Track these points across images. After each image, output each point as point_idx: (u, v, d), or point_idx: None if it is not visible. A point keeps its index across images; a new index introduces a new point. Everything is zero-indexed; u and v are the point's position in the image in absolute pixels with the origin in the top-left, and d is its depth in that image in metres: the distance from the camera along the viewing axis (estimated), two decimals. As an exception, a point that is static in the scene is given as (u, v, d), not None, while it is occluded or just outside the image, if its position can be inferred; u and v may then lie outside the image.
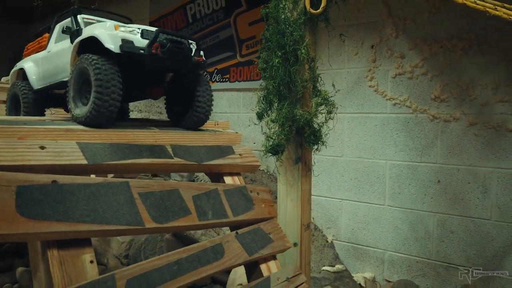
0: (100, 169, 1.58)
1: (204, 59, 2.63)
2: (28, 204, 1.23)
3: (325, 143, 2.73)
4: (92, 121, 2.06)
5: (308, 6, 2.55)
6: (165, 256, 1.36)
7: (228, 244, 1.60)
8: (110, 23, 2.31)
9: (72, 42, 2.43)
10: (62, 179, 1.29)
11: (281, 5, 2.64)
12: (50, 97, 2.93)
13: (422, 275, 3.72)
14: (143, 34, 2.28)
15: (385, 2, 3.81)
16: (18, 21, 7.61)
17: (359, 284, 3.82)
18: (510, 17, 1.88)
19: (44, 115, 2.96)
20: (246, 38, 4.67)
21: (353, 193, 4.10)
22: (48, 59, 2.74)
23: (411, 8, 3.67)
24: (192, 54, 2.49)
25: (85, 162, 1.46)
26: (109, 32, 2.19)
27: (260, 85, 2.77)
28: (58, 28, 2.79)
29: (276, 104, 2.73)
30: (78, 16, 2.58)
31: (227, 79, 4.88)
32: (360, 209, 4.06)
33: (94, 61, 2.09)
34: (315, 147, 2.74)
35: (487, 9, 1.94)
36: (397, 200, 3.84)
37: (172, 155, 1.92)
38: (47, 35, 2.97)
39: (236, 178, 2.15)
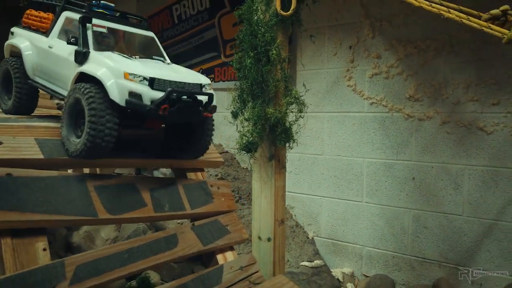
0: (57, 163, 1.65)
1: (215, 106, 2.47)
2: None
3: (296, 141, 2.82)
4: (87, 155, 1.83)
5: (278, 8, 2.63)
6: (116, 245, 1.44)
7: (183, 235, 1.68)
8: (120, 68, 2.01)
9: (76, 60, 2.20)
10: (17, 172, 1.37)
11: (254, 7, 2.73)
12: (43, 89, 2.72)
13: (398, 269, 3.81)
14: (154, 84, 2.03)
15: (363, 4, 3.90)
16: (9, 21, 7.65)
17: (337, 279, 3.91)
18: (462, 19, 1.97)
19: (37, 99, 2.80)
20: (230, 38, 4.75)
21: (332, 191, 4.19)
22: (48, 57, 2.53)
23: (387, 9, 3.76)
24: (202, 107, 2.32)
25: (41, 156, 1.54)
26: (117, 81, 1.94)
27: (235, 84, 2.85)
28: (63, 19, 2.55)
29: (250, 103, 2.81)
30: (88, 25, 2.31)
31: (211, 79, 4.95)
32: (339, 206, 4.15)
33: (84, 91, 1.91)
34: (287, 144, 2.82)
35: (441, 11, 2.03)
36: (374, 197, 3.93)
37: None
38: (51, 16, 2.73)
39: (199, 173, 2.24)
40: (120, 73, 1.99)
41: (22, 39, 2.73)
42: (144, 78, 2.03)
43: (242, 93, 2.83)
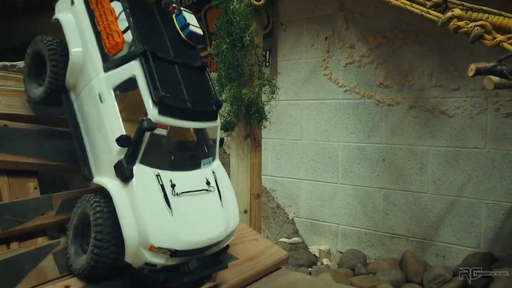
0: (46, 121, 1.87)
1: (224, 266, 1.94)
2: None
3: (269, 120, 3.08)
4: (88, 274, 1.63)
5: (251, -2, 2.90)
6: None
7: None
8: (147, 241, 1.56)
9: (116, 167, 1.67)
10: (13, 124, 1.63)
11: (230, -3, 2.99)
12: None
13: (370, 245, 4.08)
14: (175, 254, 1.63)
15: (338, -3, 4.17)
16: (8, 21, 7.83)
17: (314, 255, 4.18)
18: (406, 6, 2.25)
19: None
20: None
21: (310, 173, 4.45)
22: (93, 106, 1.87)
23: (359, 2, 4.02)
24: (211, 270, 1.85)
25: (32, 113, 1.77)
26: (139, 249, 1.57)
27: (213, 71, 3.12)
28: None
29: (228, 86, 3.08)
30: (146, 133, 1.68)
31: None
32: (317, 188, 4.42)
33: (92, 203, 1.65)
34: (261, 123, 3.08)
35: (406, 6, 2.29)
36: (348, 178, 4.20)
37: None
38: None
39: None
40: (147, 245, 1.63)
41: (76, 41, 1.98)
42: (169, 250, 1.67)
43: (220, 77, 3.09)
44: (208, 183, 1.81)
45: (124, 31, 1.76)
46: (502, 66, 1.53)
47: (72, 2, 1.93)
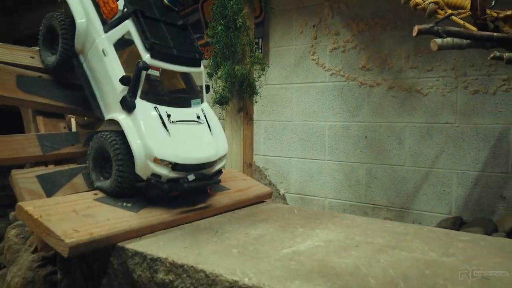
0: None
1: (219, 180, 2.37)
2: (24, 85, 2.01)
3: (259, 94, 3.44)
4: (117, 194, 2.03)
5: (243, -15, 3.26)
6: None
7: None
8: (151, 152, 1.95)
9: (122, 101, 2.03)
10: (45, 76, 2.01)
11: (225, -16, 3.35)
12: None
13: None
14: (176, 167, 2.03)
15: (324, -12, 4.55)
16: (3, 12, 8.15)
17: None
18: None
19: None
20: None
21: (300, 152, 4.82)
22: (98, 60, 2.23)
23: (344, -7, 4.40)
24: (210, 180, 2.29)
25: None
26: (146, 161, 1.96)
27: (209, 58, 3.47)
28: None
29: (222, 64, 3.44)
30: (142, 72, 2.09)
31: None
32: (306, 165, 4.79)
33: (112, 139, 2.02)
34: (252, 97, 3.45)
35: None
36: (334, 155, 4.57)
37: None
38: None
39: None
40: (151, 156, 2.02)
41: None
42: (170, 163, 2.06)
43: (216, 56, 3.45)
44: (198, 117, 2.25)
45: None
46: (438, 27, 1.90)
47: None
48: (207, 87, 2.43)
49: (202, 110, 2.33)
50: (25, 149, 1.93)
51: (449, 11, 2.27)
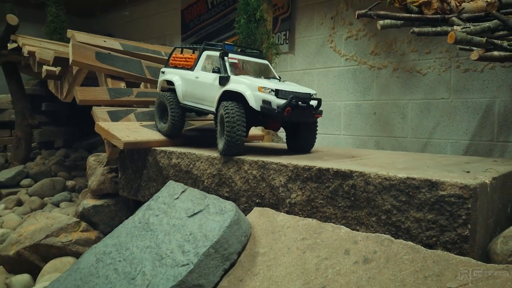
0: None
1: (322, 110, 3.00)
2: (100, 58, 3.20)
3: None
4: (227, 152, 2.67)
5: (260, -15, 4.22)
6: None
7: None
8: (255, 84, 2.65)
9: (220, 83, 2.81)
10: (113, 52, 3.23)
11: (248, -15, 4.34)
12: (190, 110, 3.40)
13: (363, 183, 5.18)
14: (278, 94, 2.62)
15: (341, -15, 5.34)
16: (81, 15, 9.85)
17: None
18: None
19: (184, 121, 3.41)
20: (248, 17, 6.37)
21: (320, 128, 5.60)
22: (196, 85, 3.15)
23: (357, -12, 5.16)
24: (313, 111, 2.87)
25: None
26: (253, 93, 2.60)
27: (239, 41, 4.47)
28: (205, 56, 3.20)
29: (245, 50, 4.42)
30: (225, 58, 2.96)
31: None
32: (324, 140, 5.59)
33: (225, 107, 2.65)
34: (267, 76, 4.38)
35: None
36: (348, 130, 5.34)
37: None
38: (194, 56, 3.43)
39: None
40: (255, 87, 2.66)
41: (173, 75, 3.40)
42: (272, 90, 2.65)
43: (240, 44, 4.45)
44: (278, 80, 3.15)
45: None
46: (371, 12, 2.70)
47: (163, 72, 3.51)
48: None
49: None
50: (100, 95, 3.16)
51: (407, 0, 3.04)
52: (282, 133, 5.62)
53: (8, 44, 5.63)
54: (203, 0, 7.11)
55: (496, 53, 2.56)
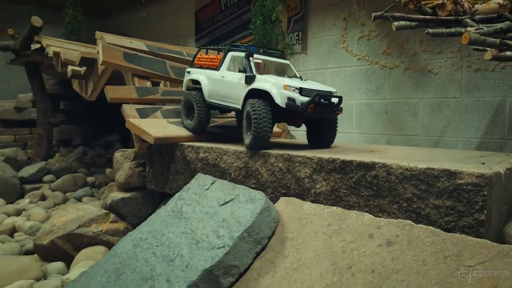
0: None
1: (342, 108, 3.21)
2: (127, 58, 3.46)
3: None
4: (253, 147, 2.84)
5: (277, -12, 4.40)
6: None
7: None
8: (280, 82, 2.83)
9: (246, 82, 2.99)
10: (139, 53, 3.43)
11: (264, -12, 4.52)
12: (216, 108, 3.60)
13: (375, 180, 5.33)
14: (302, 92, 2.81)
15: (354, -13, 5.50)
16: (97, 16, 10.09)
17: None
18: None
19: (209, 119, 3.60)
20: (261, 18, 6.54)
21: (332, 127, 5.80)
22: (222, 84, 3.32)
23: (369, -10, 5.32)
24: (334, 108, 3.05)
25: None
26: (279, 91, 2.78)
27: (252, 41, 4.65)
28: (230, 57, 3.37)
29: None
30: (250, 58, 3.13)
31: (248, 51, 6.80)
32: (337, 138, 5.73)
33: (252, 105, 2.81)
34: (283, 75, 4.55)
35: None
36: (360, 128, 5.50)
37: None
38: (219, 56, 3.56)
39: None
40: (281, 86, 2.82)
41: (199, 75, 3.57)
42: (296, 88, 2.82)
43: (256, 43, 4.63)
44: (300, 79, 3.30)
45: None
46: (387, 13, 2.86)
47: (189, 72, 3.70)
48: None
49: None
50: (129, 94, 3.39)
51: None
52: (294, 131, 5.79)
53: (31, 45, 5.85)
54: (217, 1, 7.29)
55: (509, 53, 2.71)
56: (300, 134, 5.78)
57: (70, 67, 4.54)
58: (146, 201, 3.64)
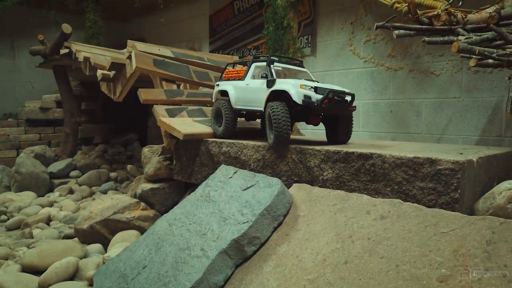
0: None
1: (355, 105, 3.58)
2: (156, 64, 4.12)
3: (299, 75, 5.06)
4: (276, 145, 3.24)
5: (288, -4, 4.93)
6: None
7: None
8: (296, 82, 3.23)
9: (267, 86, 3.42)
10: (167, 59, 4.00)
11: (276, -4, 5.05)
12: (241, 114, 4.11)
13: (381, 175, 5.83)
14: (317, 90, 3.20)
15: (361, -7, 6.01)
16: (116, 20, 10.72)
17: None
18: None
19: (236, 124, 4.02)
20: (272, 22, 7.06)
21: (340, 125, 6.30)
22: (246, 90, 3.75)
23: (375, -4, 5.82)
24: (347, 105, 3.46)
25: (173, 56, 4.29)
26: (296, 90, 3.16)
27: (263, 45, 5.18)
28: (254, 67, 3.82)
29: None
30: (271, 66, 3.58)
31: (260, 52, 7.34)
32: (345, 136, 6.26)
33: (271, 107, 3.22)
34: (295, 77, 5.08)
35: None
36: (366, 127, 6.00)
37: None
38: (243, 68, 3.98)
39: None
40: (298, 85, 3.21)
41: (226, 86, 4.03)
42: (311, 87, 3.21)
43: (268, 49, 5.17)
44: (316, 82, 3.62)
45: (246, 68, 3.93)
46: (388, 24, 3.38)
47: (218, 84, 4.17)
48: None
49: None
50: (159, 96, 3.95)
51: (418, 12, 3.70)
52: (304, 130, 6.32)
53: (60, 50, 6.47)
54: (230, 6, 7.86)
55: (490, 61, 3.21)
56: (308, 132, 6.32)
57: (100, 71, 5.12)
58: (172, 191, 4.20)
